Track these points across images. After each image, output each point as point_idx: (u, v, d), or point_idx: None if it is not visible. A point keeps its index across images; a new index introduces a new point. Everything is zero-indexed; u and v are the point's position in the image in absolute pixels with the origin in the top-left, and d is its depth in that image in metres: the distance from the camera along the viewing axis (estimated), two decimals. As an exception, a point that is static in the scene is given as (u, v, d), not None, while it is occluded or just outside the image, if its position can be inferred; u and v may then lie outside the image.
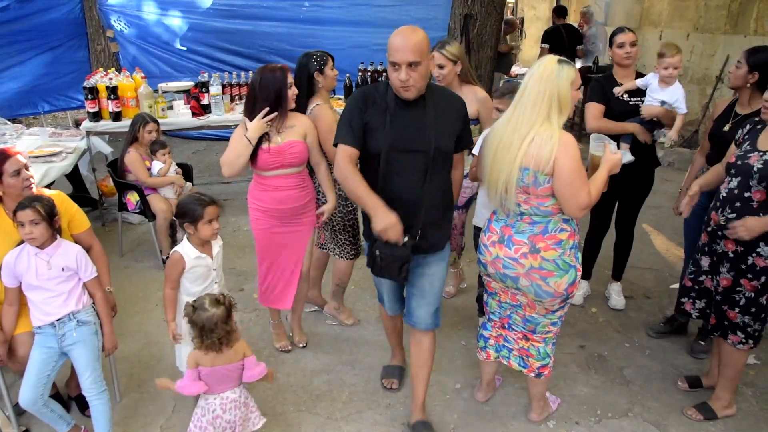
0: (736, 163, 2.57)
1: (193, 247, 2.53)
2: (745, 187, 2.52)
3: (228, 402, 2.36)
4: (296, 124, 2.94)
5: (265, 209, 3.01)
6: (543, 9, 12.96)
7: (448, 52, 3.16)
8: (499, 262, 2.47)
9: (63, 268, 2.44)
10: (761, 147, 2.53)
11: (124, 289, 3.98)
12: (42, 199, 2.40)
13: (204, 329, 2.23)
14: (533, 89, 2.26)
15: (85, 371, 2.48)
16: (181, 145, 7.41)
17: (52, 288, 2.43)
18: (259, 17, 6.58)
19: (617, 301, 3.84)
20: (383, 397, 3.03)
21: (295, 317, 3.48)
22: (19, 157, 2.53)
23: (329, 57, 3.14)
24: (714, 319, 2.76)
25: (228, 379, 2.35)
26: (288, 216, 3.02)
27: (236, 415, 2.38)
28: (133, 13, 6.68)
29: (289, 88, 2.85)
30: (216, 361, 2.29)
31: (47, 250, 2.42)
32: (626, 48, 3.37)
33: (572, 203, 2.27)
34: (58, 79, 6.67)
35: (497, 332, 2.76)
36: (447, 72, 3.19)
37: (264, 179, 2.96)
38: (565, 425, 2.84)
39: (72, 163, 4.50)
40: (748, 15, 6.60)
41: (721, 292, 2.69)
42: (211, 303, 2.24)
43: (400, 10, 6.47)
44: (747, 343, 2.68)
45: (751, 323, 2.64)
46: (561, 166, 2.23)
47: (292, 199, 2.99)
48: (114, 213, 4.93)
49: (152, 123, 4.28)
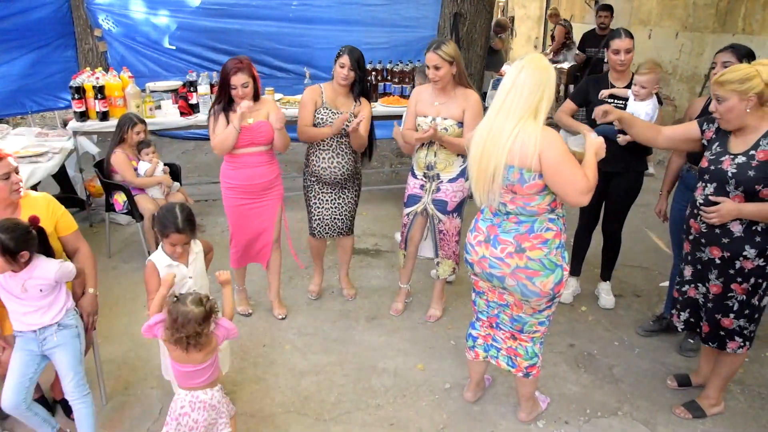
0: (710, 168, 2.54)
1: (165, 255, 2.52)
2: (722, 192, 2.49)
3: (197, 401, 2.32)
4: (261, 107, 3.31)
5: (236, 186, 3.37)
6: (533, 8, 12.98)
7: (444, 52, 3.09)
8: (485, 261, 2.46)
9: (41, 289, 2.35)
10: (732, 150, 2.50)
11: (111, 291, 3.95)
12: (9, 229, 2.22)
13: (176, 322, 2.19)
14: (529, 77, 2.24)
15: (67, 375, 2.45)
16: (170, 145, 7.36)
17: (31, 304, 2.36)
18: (249, 16, 6.53)
19: (606, 301, 3.84)
20: (372, 397, 3.01)
21: (272, 291, 3.74)
22: (10, 160, 2.45)
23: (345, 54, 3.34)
24: (707, 328, 2.72)
25: (198, 375, 2.30)
26: (258, 191, 3.39)
27: (203, 416, 2.32)
28: (121, 12, 6.60)
29: (233, 89, 3.18)
30: (188, 359, 2.25)
31: (20, 274, 2.30)
32: (621, 55, 3.37)
33: (571, 190, 2.25)
34: (45, 78, 6.58)
35: (486, 331, 2.75)
36: (443, 73, 3.13)
37: (235, 157, 3.31)
38: (554, 424, 2.83)
39: (58, 164, 4.44)
40: (736, 14, 6.63)
41: (712, 300, 2.65)
42: (193, 301, 2.21)
43: (390, 9, 6.44)
44: (745, 346, 2.67)
45: (747, 325, 2.62)
46: (548, 158, 2.22)
47: (260, 175, 3.36)
48: (102, 213, 4.88)
49: (140, 124, 4.24)
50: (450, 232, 3.47)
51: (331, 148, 3.50)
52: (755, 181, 2.39)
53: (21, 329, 2.40)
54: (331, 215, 3.67)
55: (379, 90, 5.57)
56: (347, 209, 3.70)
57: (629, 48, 3.37)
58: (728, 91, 2.40)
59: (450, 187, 3.35)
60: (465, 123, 3.22)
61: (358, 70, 3.38)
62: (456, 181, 3.35)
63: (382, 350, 3.40)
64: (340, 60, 3.36)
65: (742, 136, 2.49)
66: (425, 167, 3.36)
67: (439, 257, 3.54)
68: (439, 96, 3.26)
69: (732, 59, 2.95)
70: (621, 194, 3.54)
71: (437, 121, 3.22)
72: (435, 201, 3.39)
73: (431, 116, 3.26)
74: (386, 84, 5.65)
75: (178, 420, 2.30)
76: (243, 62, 3.19)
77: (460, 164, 3.32)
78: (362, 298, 3.96)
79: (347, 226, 3.76)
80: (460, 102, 3.22)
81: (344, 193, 3.65)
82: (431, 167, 3.34)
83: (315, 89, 3.52)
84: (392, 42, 6.41)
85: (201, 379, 2.32)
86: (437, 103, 3.26)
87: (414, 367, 3.25)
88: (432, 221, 3.45)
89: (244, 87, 3.18)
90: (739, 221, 2.47)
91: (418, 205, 3.45)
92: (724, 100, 2.43)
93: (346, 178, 3.57)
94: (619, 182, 3.49)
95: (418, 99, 3.36)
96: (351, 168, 3.56)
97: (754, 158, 2.41)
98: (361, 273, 4.30)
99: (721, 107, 2.45)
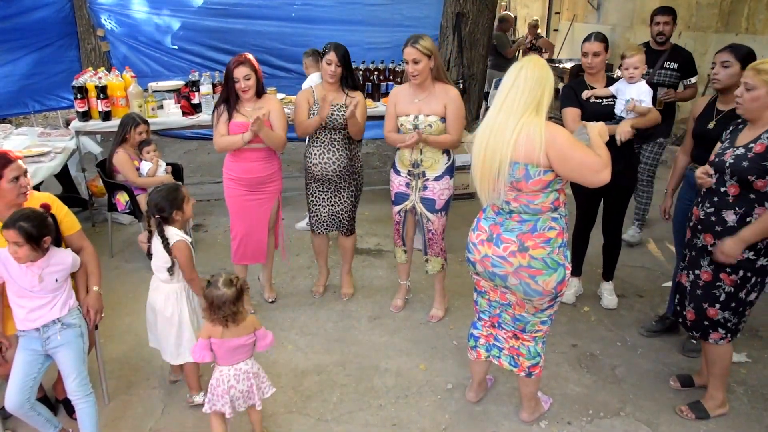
0: (714, 161, 2.61)
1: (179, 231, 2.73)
2: (721, 182, 2.56)
3: (241, 373, 2.48)
4: (263, 105, 3.41)
5: (236, 177, 3.50)
6: (536, 8, 12.96)
7: (422, 46, 3.10)
8: (487, 260, 2.45)
9: (56, 279, 2.41)
10: (737, 143, 2.56)
11: (114, 290, 3.95)
12: (30, 217, 2.29)
13: (213, 305, 2.36)
14: (532, 73, 2.27)
15: (70, 374, 2.45)
16: (172, 145, 7.37)
17: (43, 296, 2.39)
18: (251, 16, 6.53)
19: (609, 301, 3.84)
20: (374, 397, 3.01)
21: (265, 274, 3.90)
22: (20, 163, 2.46)
23: (332, 51, 3.40)
24: (692, 316, 2.75)
25: (240, 351, 2.46)
26: (255, 184, 3.51)
27: (249, 385, 2.49)
28: (123, 12, 6.61)
29: (236, 82, 3.28)
30: (225, 334, 2.41)
31: (38, 263, 2.36)
32: (588, 58, 3.39)
33: (587, 171, 2.26)
34: (48, 78, 6.59)
35: (487, 331, 2.74)
36: (422, 67, 3.13)
37: (237, 152, 3.43)
38: (557, 425, 2.82)
39: (61, 163, 4.45)
40: (739, 13, 6.61)
41: (702, 287, 2.69)
42: (224, 283, 2.35)
43: (393, 8, 6.43)
44: (726, 338, 2.69)
45: (731, 318, 2.65)
46: (555, 148, 2.23)
47: (258, 169, 3.48)
48: (104, 213, 4.88)
49: (143, 124, 4.24)
50: (438, 231, 3.47)
51: (323, 144, 3.55)
52: (748, 172, 2.44)
53: (25, 328, 2.41)
54: (328, 212, 3.72)
55: (382, 90, 5.57)
56: (344, 208, 3.72)
57: (597, 51, 3.36)
58: (761, 81, 2.42)
59: (437, 186, 3.35)
60: (448, 118, 3.23)
61: (344, 66, 3.43)
62: (442, 179, 3.34)
63: (384, 350, 3.40)
64: (327, 57, 3.41)
65: (752, 129, 2.53)
66: (410, 165, 3.36)
67: (428, 255, 3.57)
68: (418, 93, 3.25)
69: (731, 59, 2.95)
70: (619, 193, 3.53)
71: (420, 118, 3.22)
72: (423, 199, 3.39)
73: (413, 114, 3.24)
74: (389, 84, 5.65)
75: (228, 393, 2.46)
76: (244, 56, 3.31)
77: (446, 162, 3.34)
78: (364, 298, 3.96)
79: (345, 226, 3.77)
80: (441, 97, 3.21)
81: (340, 192, 3.68)
82: (417, 165, 3.34)
83: (306, 91, 3.62)
84: (394, 42, 6.38)
85: (243, 355, 2.48)
86: (417, 100, 3.25)
87: (416, 367, 3.25)
88: (421, 220, 3.45)
89: (247, 79, 3.27)
90: (734, 211, 2.51)
91: (407, 203, 3.45)
92: (753, 89, 2.45)
93: (339, 175, 3.59)
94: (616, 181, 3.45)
95: (396, 99, 3.35)
96: (344, 164, 3.58)
97: (751, 150, 2.46)
98: (363, 273, 4.30)
99: (747, 95, 2.47)
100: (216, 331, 2.41)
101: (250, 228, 3.61)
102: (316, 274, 4.14)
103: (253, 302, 3.83)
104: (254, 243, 3.65)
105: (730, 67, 2.95)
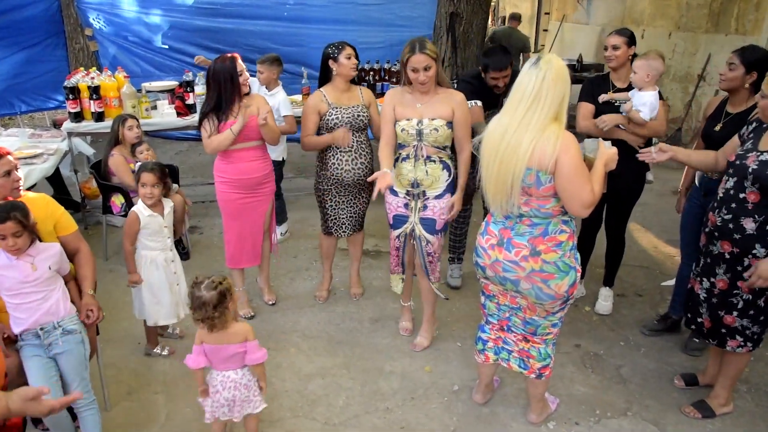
0: (735, 163, 2.54)
1: (146, 207, 3.05)
2: (740, 187, 2.49)
3: (228, 381, 2.43)
4: (252, 104, 3.33)
5: (230, 180, 3.40)
6: (525, 8, 13.01)
7: (430, 51, 2.95)
8: (498, 265, 2.43)
9: (50, 266, 2.39)
10: (761, 147, 2.49)
11: (110, 294, 3.88)
12: (17, 206, 2.30)
13: (193, 305, 2.35)
14: (551, 90, 2.19)
15: (72, 381, 2.40)
16: (163, 146, 7.26)
17: (39, 290, 2.35)
18: (243, 15, 6.46)
19: (603, 306, 3.79)
20: (381, 400, 2.99)
21: (263, 277, 3.85)
22: (10, 158, 2.45)
23: (347, 46, 3.40)
24: (709, 323, 2.72)
25: (233, 359, 2.42)
26: (251, 186, 3.43)
27: (235, 395, 2.43)
28: (112, 11, 6.51)
29: (240, 75, 3.22)
30: (212, 338, 2.38)
31: (29, 251, 2.35)
32: (608, 51, 3.38)
33: (576, 201, 2.25)
34: (35, 78, 6.48)
35: (496, 334, 2.73)
36: (433, 73, 2.97)
37: (228, 153, 3.35)
38: (564, 426, 2.82)
39: (54, 165, 4.37)
40: (729, 14, 6.68)
41: (717, 295, 2.65)
42: (207, 286, 2.31)
43: (386, 8, 6.40)
44: (746, 346, 2.65)
45: (750, 326, 2.61)
46: (562, 164, 2.20)
47: (253, 170, 3.40)
48: (97, 216, 4.80)
49: (131, 119, 4.14)
50: (437, 253, 3.23)
51: (352, 149, 3.48)
52: None
53: (24, 328, 2.36)
54: (347, 214, 3.68)
55: (377, 90, 5.54)
56: (362, 207, 3.72)
57: (616, 44, 3.33)
58: None
59: (437, 204, 3.12)
60: (456, 124, 3.06)
61: None
62: (443, 198, 3.12)
63: (387, 352, 3.38)
64: (345, 52, 3.38)
65: None
66: (409, 184, 3.11)
67: (431, 280, 3.28)
68: (420, 96, 3.06)
69: (736, 61, 2.94)
70: (622, 195, 3.52)
71: (424, 123, 3.01)
72: (423, 220, 3.14)
73: (416, 118, 3.03)
74: (383, 84, 5.63)
75: (212, 398, 2.45)
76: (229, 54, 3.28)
77: (446, 179, 3.11)
78: (365, 300, 3.93)
79: (360, 222, 3.77)
80: (447, 101, 3.05)
81: (361, 194, 3.66)
82: (416, 185, 3.10)
83: (317, 95, 3.47)
84: (387, 41, 6.36)
85: (235, 364, 2.44)
86: (420, 105, 3.05)
87: (421, 369, 3.23)
88: (419, 243, 3.17)
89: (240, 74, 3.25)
90: (753, 219, 2.46)
91: (407, 225, 3.19)
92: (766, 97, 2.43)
93: (367, 175, 3.52)
94: (620, 183, 3.46)
95: (395, 102, 3.10)
96: (370, 166, 3.55)
97: None
98: (362, 275, 4.25)
99: (762, 102, 2.46)
100: (208, 337, 2.38)
101: (245, 231, 3.53)
102: (316, 276, 4.10)
103: (252, 305, 3.79)
104: (250, 246, 3.58)
105: (735, 69, 2.93)
